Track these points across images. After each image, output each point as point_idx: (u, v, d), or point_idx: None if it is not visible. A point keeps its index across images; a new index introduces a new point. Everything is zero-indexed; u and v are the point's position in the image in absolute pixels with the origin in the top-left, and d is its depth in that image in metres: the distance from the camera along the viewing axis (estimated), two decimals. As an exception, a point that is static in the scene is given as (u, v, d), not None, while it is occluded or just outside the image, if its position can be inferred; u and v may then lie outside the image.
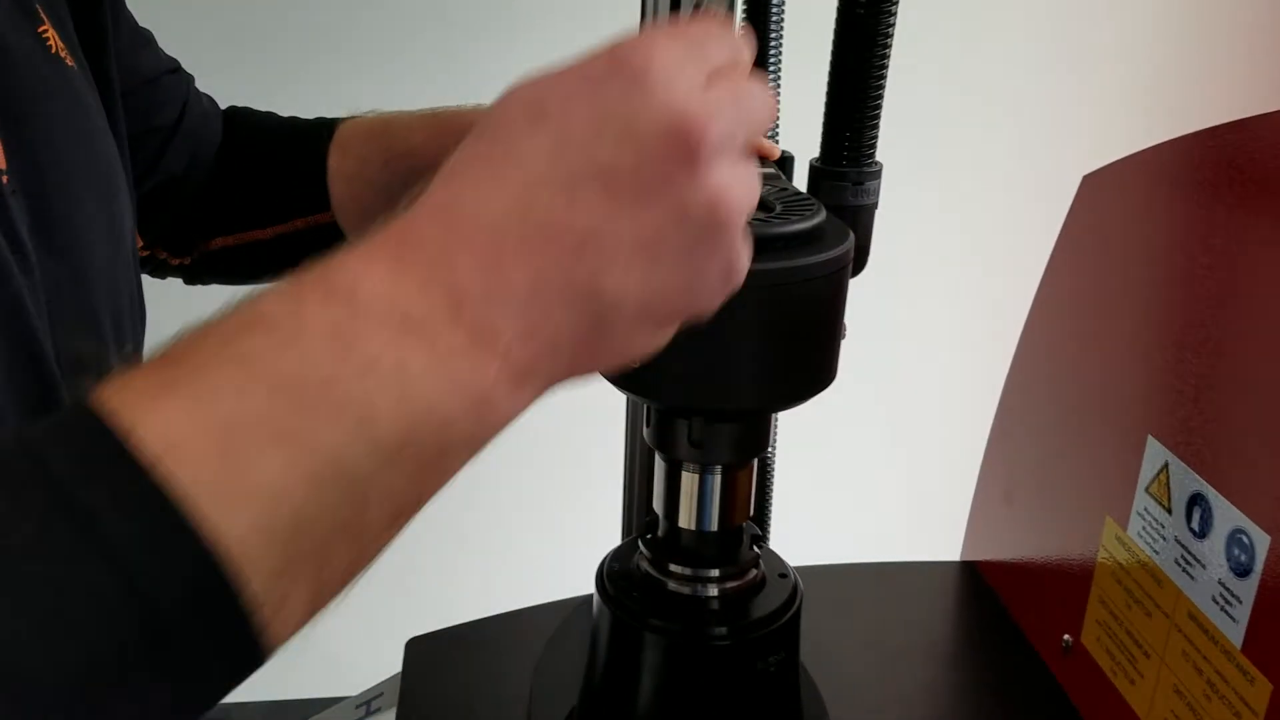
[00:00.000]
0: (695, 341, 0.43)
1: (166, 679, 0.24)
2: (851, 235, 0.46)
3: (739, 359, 0.44)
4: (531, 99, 0.30)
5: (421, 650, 0.68)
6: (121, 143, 0.56)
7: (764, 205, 0.46)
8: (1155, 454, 0.55)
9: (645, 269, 0.30)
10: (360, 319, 0.27)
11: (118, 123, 0.56)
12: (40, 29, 0.49)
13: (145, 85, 0.61)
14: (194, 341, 0.27)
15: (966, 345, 1.10)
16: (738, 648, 0.51)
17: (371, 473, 0.27)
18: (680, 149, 0.29)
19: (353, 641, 0.92)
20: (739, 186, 0.31)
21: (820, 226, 0.45)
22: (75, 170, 0.49)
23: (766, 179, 0.50)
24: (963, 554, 0.80)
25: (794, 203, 0.46)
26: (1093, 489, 0.61)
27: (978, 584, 0.76)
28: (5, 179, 0.43)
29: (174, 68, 0.65)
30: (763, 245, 0.43)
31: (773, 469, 0.75)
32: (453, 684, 0.65)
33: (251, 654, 0.26)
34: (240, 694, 0.74)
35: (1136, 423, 0.57)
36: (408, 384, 0.27)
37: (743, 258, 0.33)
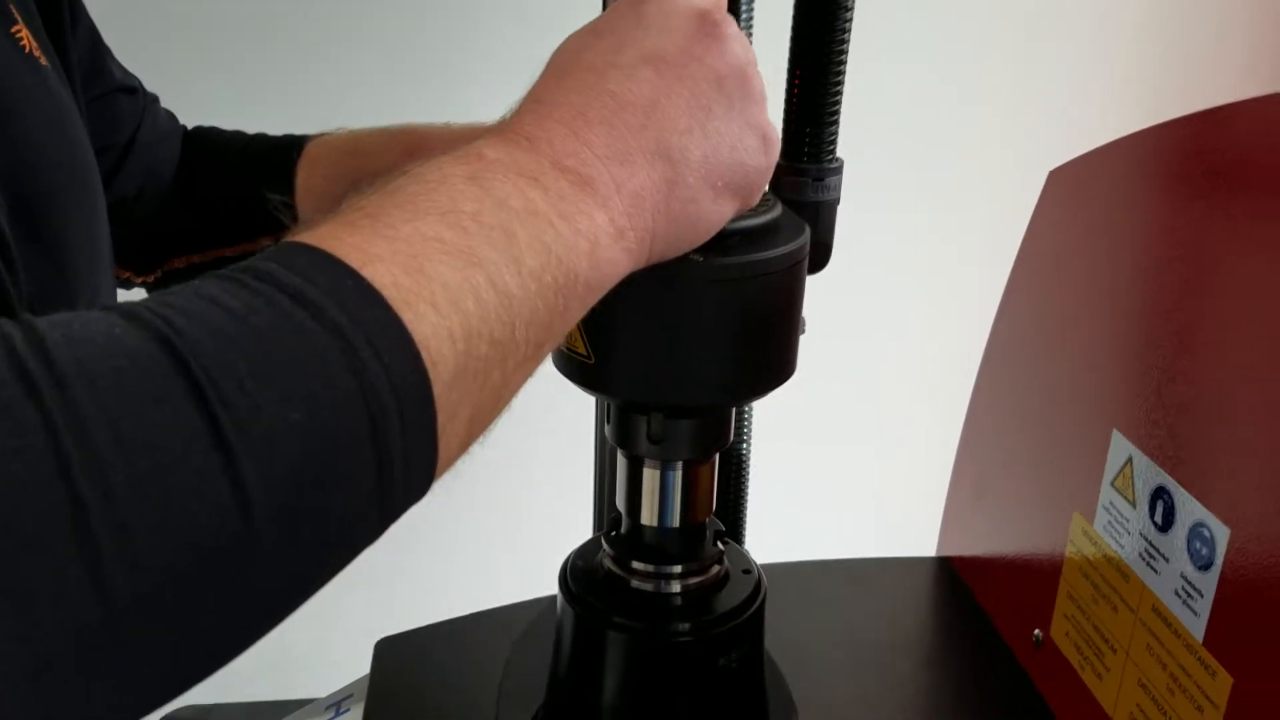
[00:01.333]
0: (653, 336, 0.44)
1: (373, 469, 0.26)
2: (807, 230, 0.46)
3: (696, 353, 0.44)
4: (585, 32, 0.39)
5: (391, 650, 0.68)
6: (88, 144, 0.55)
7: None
8: (1120, 448, 0.55)
9: (700, 129, 0.37)
10: (489, 171, 0.32)
11: (84, 125, 0.55)
12: (14, 29, 0.49)
13: (100, 100, 0.60)
14: (354, 203, 0.30)
15: (943, 341, 1.09)
16: (700, 644, 0.50)
17: (518, 294, 0.31)
18: (708, 29, 0.38)
19: (329, 644, 0.91)
20: (755, 65, 0.40)
21: (775, 222, 0.45)
22: (54, 168, 0.49)
23: None
24: (938, 550, 0.80)
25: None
26: (1061, 484, 0.61)
27: (952, 580, 0.76)
28: None
29: (132, 86, 0.65)
30: (718, 240, 0.43)
31: (748, 467, 0.75)
32: (421, 683, 0.65)
33: (430, 457, 0.28)
34: (218, 695, 0.73)
35: (1102, 417, 0.57)
36: (537, 218, 0.32)
37: (772, 128, 0.41)
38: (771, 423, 1.18)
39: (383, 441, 0.26)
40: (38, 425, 0.20)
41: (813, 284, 0.49)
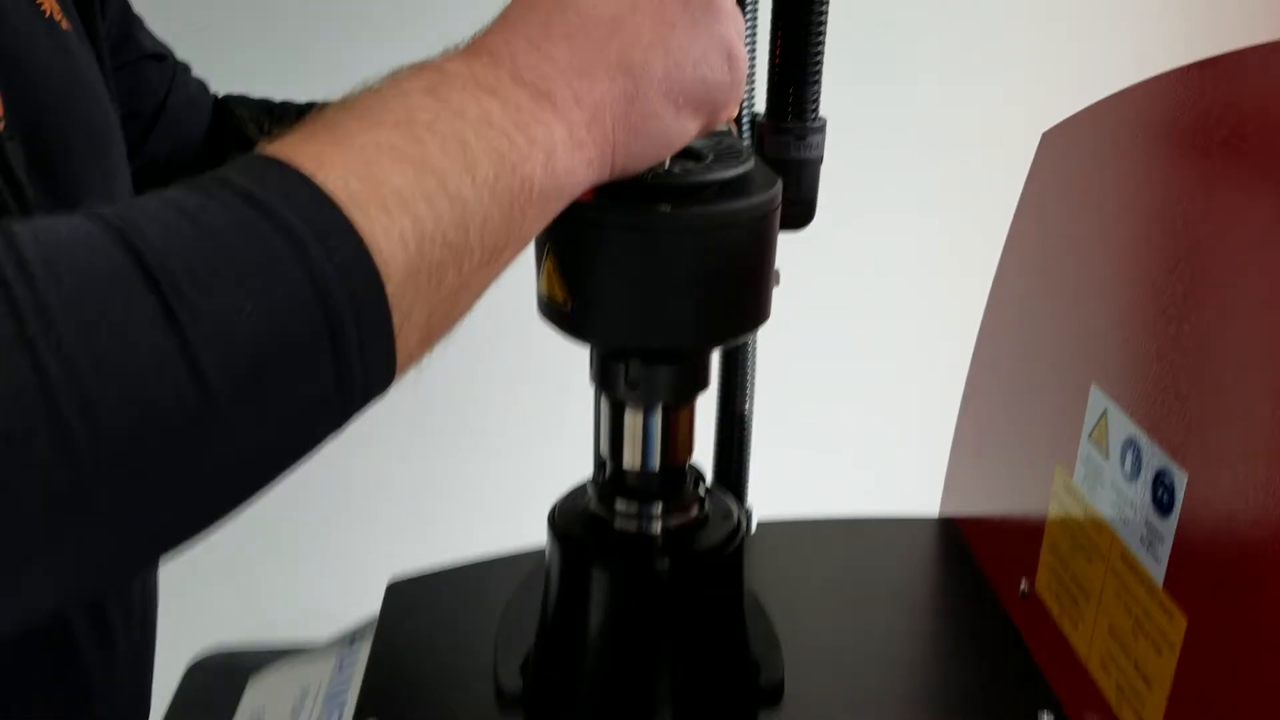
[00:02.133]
0: (627, 283, 0.46)
1: (329, 360, 0.28)
2: (779, 183, 0.48)
3: (669, 300, 0.46)
4: None
5: (401, 591, 0.71)
6: (115, 107, 0.59)
7: (696, 155, 0.48)
8: (1097, 401, 0.56)
9: (662, 44, 0.39)
10: (448, 82, 0.34)
11: (111, 91, 0.59)
12: None
13: (129, 67, 0.64)
14: (315, 115, 0.33)
15: (952, 302, 1.10)
16: (680, 581, 0.53)
17: (472, 200, 0.32)
18: None
19: (358, 595, 0.95)
20: None
21: (748, 175, 0.47)
22: (70, 124, 0.52)
23: (715, 135, 0.52)
24: (940, 510, 0.82)
25: (725, 152, 0.48)
26: (1047, 439, 0.63)
27: (952, 538, 0.77)
28: (2, 125, 0.47)
29: (161, 54, 0.68)
30: (691, 192, 0.45)
31: (750, 428, 0.77)
32: (427, 624, 0.68)
33: (387, 349, 0.30)
34: (246, 641, 0.78)
35: (1083, 372, 0.58)
36: (491, 128, 0.34)
37: (739, 45, 0.42)
38: (781, 388, 1.20)
39: (337, 333, 0.28)
40: (5, 312, 0.23)
41: (831, 245, 0.51)
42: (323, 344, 0.28)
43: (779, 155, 0.55)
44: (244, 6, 1.16)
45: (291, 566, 1.35)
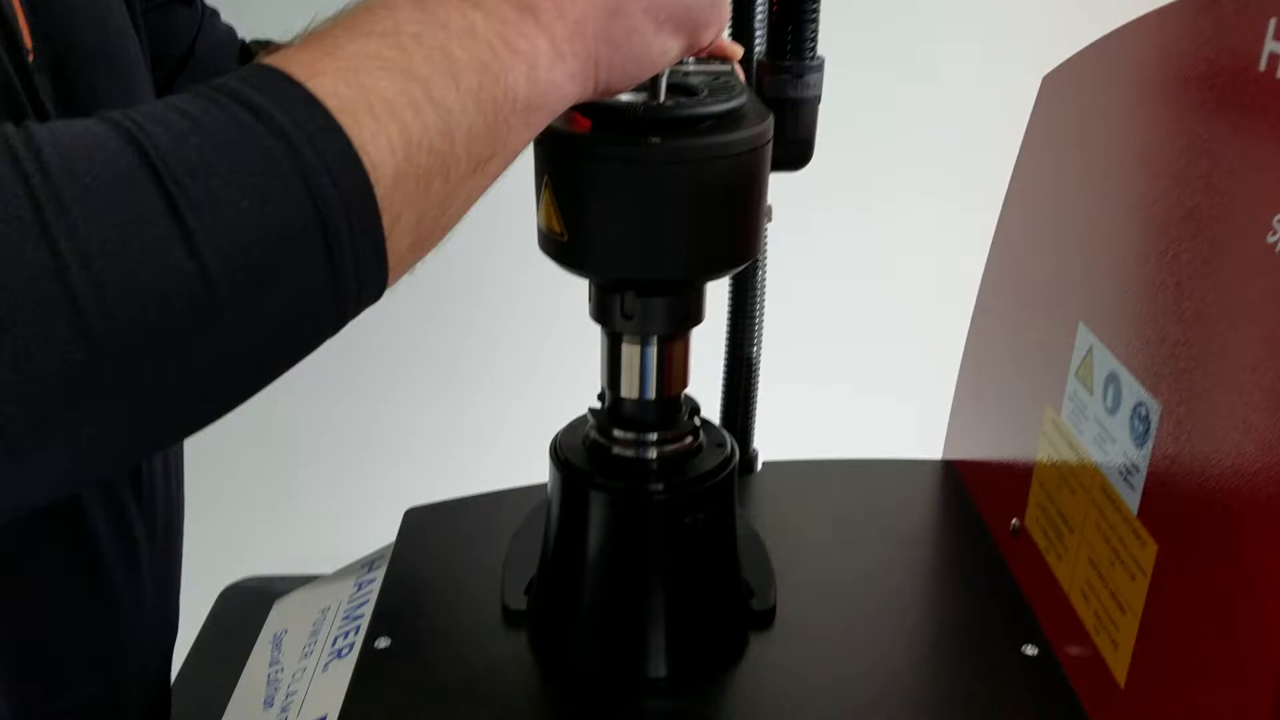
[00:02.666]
0: (620, 214, 0.48)
1: (323, 253, 0.31)
2: (770, 118, 0.50)
3: (662, 231, 0.48)
4: None
5: (417, 519, 0.74)
6: (144, 50, 0.62)
7: (690, 90, 0.50)
8: (1084, 340, 0.58)
9: None
10: None
11: (140, 31, 0.62)
12: None
13: (156, 10, 0.66)
14: (312, 30, 0.35)
15: (962, 247, 1.10)
16: (673, 502, 0.55)
17: (457, 108, 0.34)
18: None
19: (381, 528, 0.99)
20: None
21: (740, 110, 0.49)
22: (97, 60, 0.54)
23: (714, 73, 0.53)
24: (944, 453, 0.83)
25: (719, 88, 0.50)
26: (1040, 381, 0.64)
27: (952, 481, 0.79)
28: (31, 57, 0.49)
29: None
30: (683, 125, 0.47)
31: (758, 371, 0.79)
32: (440, 549, 0.71)
33: (378, 248, 0.32)
34: (279, 568, 0.81)
35: (1073, 313, 0.59)
36: (475, 38, 0.35)
37: None
38: (803, 332, 1.21)
39: (329, 228, 0.30)
40: (24, 200, 0.26)
41: (847, 193, 0.52)
42: (315, 238, 0.30)
43: (777, 94, 0.56)
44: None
45: (322, 503, 1.39)
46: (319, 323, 0.33)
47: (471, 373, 1.36)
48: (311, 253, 0.30)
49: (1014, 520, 0.67)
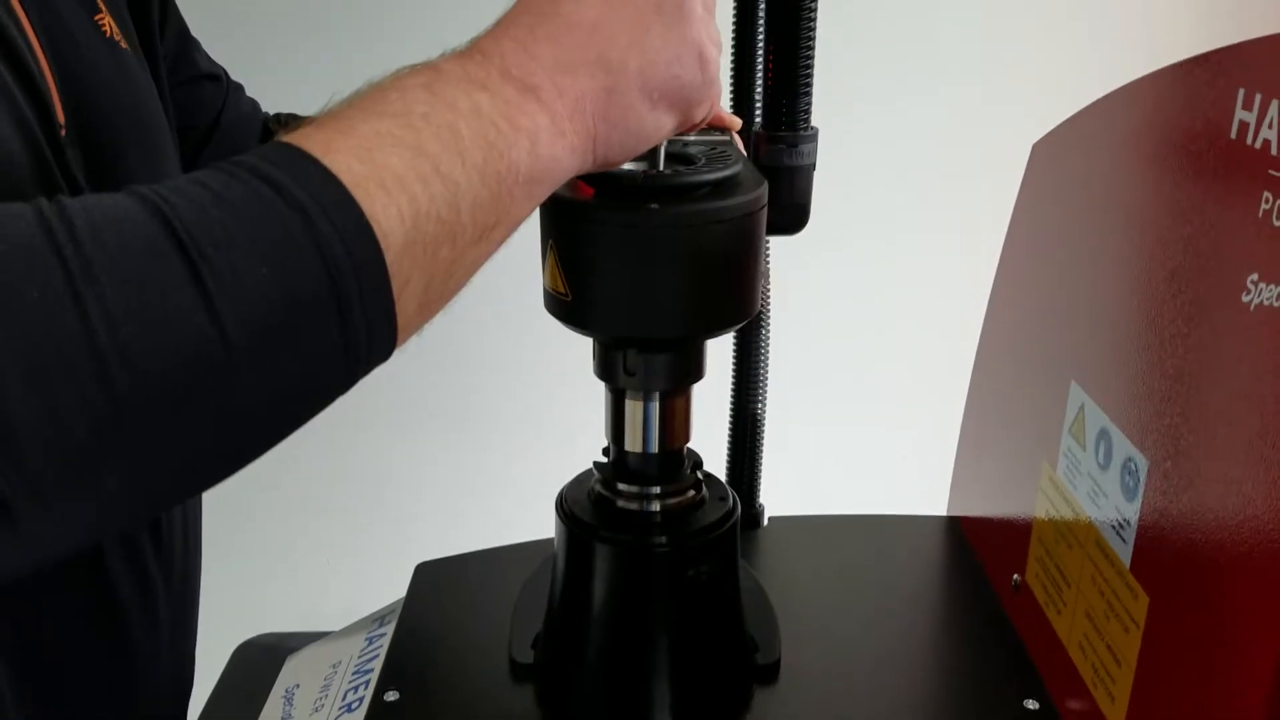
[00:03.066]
0: (621, 276, 0.50)
1: (335, 318, 0.33)
2: (765, 185, 0.52)
3: (661, 292, 0.50)
4: None
5: (428, 573, 0.76)
6: (171, 124, 0.65)
7: (688, 159, 0.53)
8: (1076, 397, 0.59)
9: (638, 46, 0.43)
10: (442, 79, 0.39)
11: (167, 105, 0.65)
12: (97, 16, 0.58)
13: (184, 85, 0.70)
14: (327, 111, 0.38)
15: (961, 313, 1.12)
16: (676, 555, 0.57)
17: (463, 181, 0.37)
18: None
19: (389, 581, 1.00)
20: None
21: (735, 177, 0.51)
22: (127, 133, 0.57)
23: (713, 143, 0.56)
24: (948, 509, 0.84)
25: (716, 157, 0.52)
26: (1036, 436, 0.65)
27: (956, 537, 0.80)
28: (64, 132, 0.52)
29: (216, 74, 0.74)
30: (681, 191, 0.50)
31: (763, 427, 0.81)
32: (451, 603, 0.73)
33: (388, 311, 0.35)
34: (293, 625, 0.83)
35: (1064, 370, 0.61)
36: (481, 117, 0.38)
37: (710, 48, 0.46)
38: (797, 389, 1.22)
39: (342, 295, 0.33)
40: (57, 269, 0.28)
41: (843, 254, 0.53)
42: (329, 304, 0.33)
43: (773, 163, 0.59)
44: (294, 34, 1.23)
45: (334, 562, 1.40)
46: (331, 382, 0.35)
47: (481, 429, 1.38)
48: (325, 317, 0.33)
49: (1015, 575, 0.68)
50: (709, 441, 0.74)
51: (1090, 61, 1.27)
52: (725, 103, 0.66)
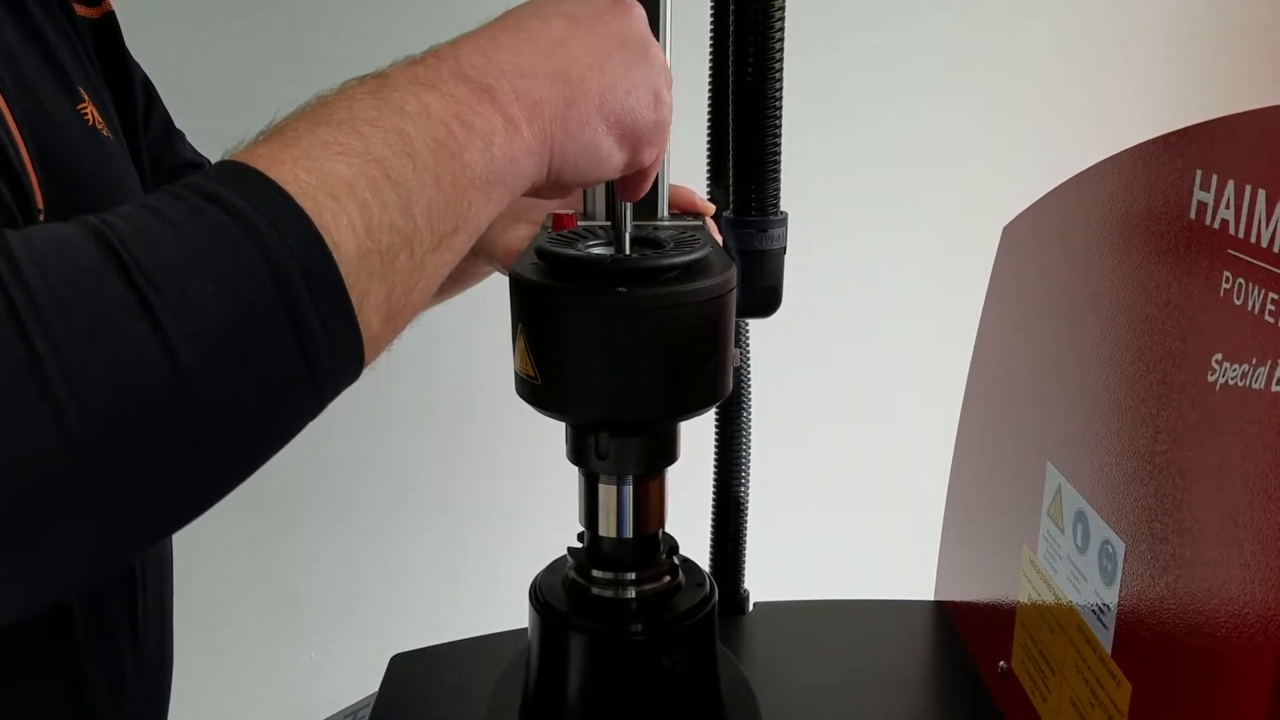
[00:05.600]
0: (589, 359, 0.50)
1: (290, 332, 0.31)
2: (733, 268, 0.52)
3: (630, 375, 0.50)
4: (522, 4, 0.46)
5: (403, 665, 0.74)
6: None
7: (656, 244, 0.53)
8: (1052, 479, 0.59)
9: (599, 68, 0.43)
10: (390, 85, 0.38)
11: (148, 190, 0.66)
12: (80, 106, 0.59)
13: (168, 173, 0.71)
14: (270, 128, 0.37)
15: (946, 395, 1.12)
16: (652, 644, 0.55)
17: (414, 185, 0.36)
18: (619, 4, 0.46)
19: (367, 672, 0.98)
20: (656, 45, 0.47)
21: (703, 260, 0.52)
22: None
23: (683, 228, 0.56)
24: (934, 594, 0.83)
25: (684, 241, 0.53)
26: (1016, 519, 0.65)
27: (943, 622, 0.78)
28: (42, 216, 0.53)
29: (199, 163, 0.75)
30: (648, 275, 0.50)
31: (746, 512, 0.80)
32: (425, 696, 0.71)
33: (349, 325, 0.33)
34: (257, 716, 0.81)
35: (1040, 451, 0.60)
36: (430, 118, 0.37)
37: (666, 93, 0.47)
38: (793, 473, 1.21)
39: (294, 304, 0.31)
40: (1, 303, 0.27)
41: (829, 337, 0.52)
42: (280, 315, 0.31)
43: (744, 247, 0.59)
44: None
45: (307, 654, 1.37)
46: (297, 402, 0.33)
47: (465, 518, 1.37)
48: (278, 330, 0.31)
49: (1001, 662, 0.66)
50: (694, 527, 0.73)
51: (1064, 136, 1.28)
52: (701, 189, 0.67)
